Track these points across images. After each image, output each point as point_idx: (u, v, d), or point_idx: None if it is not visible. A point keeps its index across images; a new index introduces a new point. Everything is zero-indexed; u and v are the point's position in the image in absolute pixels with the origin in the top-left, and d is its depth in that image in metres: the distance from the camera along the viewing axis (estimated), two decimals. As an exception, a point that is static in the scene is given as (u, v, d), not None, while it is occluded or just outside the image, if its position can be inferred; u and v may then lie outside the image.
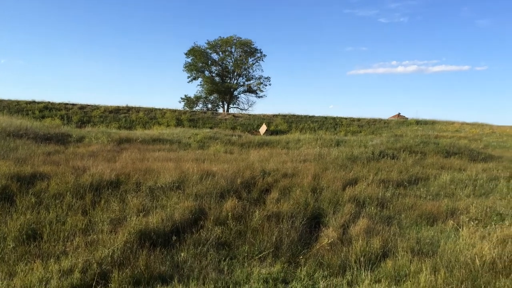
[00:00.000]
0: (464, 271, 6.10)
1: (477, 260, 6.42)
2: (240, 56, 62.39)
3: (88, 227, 7.70)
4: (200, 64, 61.70)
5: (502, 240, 7.32)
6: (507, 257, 6.54)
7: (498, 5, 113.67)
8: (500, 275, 6.08)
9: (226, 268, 6.47)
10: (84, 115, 37.18)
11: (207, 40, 63.69)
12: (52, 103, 39.04)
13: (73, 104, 39.95)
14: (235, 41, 61.22)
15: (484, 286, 5.75)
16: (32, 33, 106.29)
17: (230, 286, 5.87)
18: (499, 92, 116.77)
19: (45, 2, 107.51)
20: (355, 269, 6.50)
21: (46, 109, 36.71)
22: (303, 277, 6.25)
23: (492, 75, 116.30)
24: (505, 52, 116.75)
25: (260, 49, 62.84)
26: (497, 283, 5.83)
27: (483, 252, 6.68)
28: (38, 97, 42.05)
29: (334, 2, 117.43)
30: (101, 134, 21.79)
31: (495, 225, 8.54)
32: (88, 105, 40.67)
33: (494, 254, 6.59)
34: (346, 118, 48.91)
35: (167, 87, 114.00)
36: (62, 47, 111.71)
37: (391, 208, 10.14)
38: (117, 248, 6.46)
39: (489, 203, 10.65)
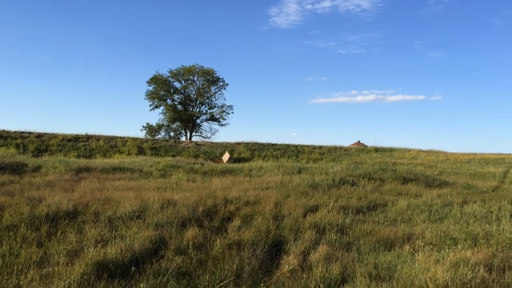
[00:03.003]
0: (419, 294, 6.30)
1: (430, 284, 6.65)
2: (202, 84, 62.86)
3: (44, 259, 7.44)
4: (162, 92, 61.62)
5: (455, 264, 7.60)
6: (460, 280, 6.79)
7: (447, 39, 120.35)
8: (453, 297, 6.32)
9: (186, 298, 6.40)
10: (41, 143, 36.13)
11: (169, 68, 64.00)
12: (8, 132, 37.80)
13: (29, 133, 38.79)
14: (197, 69, 61.72)
15: (437, 309, 5.95)
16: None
17: (191, 316, 5.82)
18: (453, 120, 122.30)
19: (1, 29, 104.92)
20: (315, 295, 6.58)
21: (1, 138, 35.48)
22: (263, 305, 6.27)
23: (446, 104, 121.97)
24: (457, 83, 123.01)
25: (222, 78, 63.68)
26: (449, 305, 6.05)
27: (437, 276, 6.90)
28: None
29: (294, 33, 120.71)
30: (58, 163, 21.23)
31: (448, 249, 8.86)
32: (46, 134, 39.60)
33: (447, 278, 6.83)
34: (308, 146, 49.79)
35: (128, 115, 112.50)
36: (20, 74, 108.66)
37: (350, 234, 10.34)
38: (74, 281, 6.28)
39: (443, 227, 11.05)
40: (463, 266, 7.33)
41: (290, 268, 7.38)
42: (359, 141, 67.47)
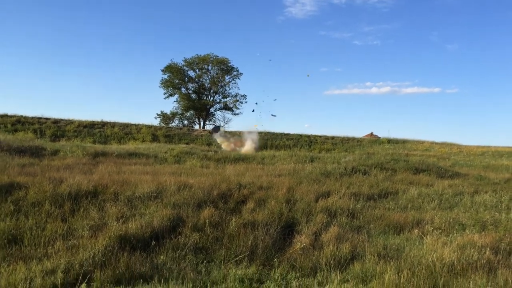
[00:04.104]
0: (425, 272, 6.58)
1: (437, 263, 6.91)
2: (216, 73, 62.98)
3: (68, 233, 7.88)
4: (177, 81, 61.92)
5: (462, 246, 7.85)
6: (465, 260, 7.06)
7: (464, 31, 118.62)
8: (458, 276, 6.59)
9: (203, 270, 6.78)
10: (58, 129, 36.83)
11: (184, 57, 64.14)
12: (25, 117, 38.51)
13: (46, 119, 39.49)
14: (212, 59, 61.83)
15: (443, 285, 6.23)
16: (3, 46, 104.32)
17: (208, 285, 6.18)
18: (467, 114, 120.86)
19: (19, 15, 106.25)
20: (326, 270, 6.90)
21: (18, 123, 36.22)
22: (276, 278, 6.61)
23: (462, 97, 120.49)
24: (474, 76, 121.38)
25: (236, 67, 63.63)
26: (454, 283, 6.32)
27: (444, 256, 7.17)
28: (10, 111, 41.46)
29: (309, 24, 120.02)
30: (76, 147, 21.75)
31: (456, 233, 9.10)
32: (62, 120, 40.28)
33: (453, 258, 7.09)
34: (320, 136, 49.87)
35: (143, 103, 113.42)
36: (35, 61, 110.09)
37: (361, 218, 10.61)
38: (98, 251, 6.69)
39: (453, 215, 11.25)
40: (469, 248, 7.58)
41: (302, 246, 7.71)
42: (372, 132, 67.26)
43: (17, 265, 6.20)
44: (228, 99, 64.28)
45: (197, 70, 63.05)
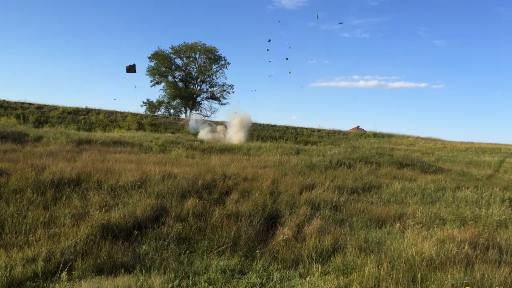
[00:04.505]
0: (405, 265, 6.70)
1: (417, 257, 7.03)
2: (204, 62, 62.58)
3: (50, 221, 7.80)
4: (164, 69, 61.36)
5: (441, 241, 7.99)
6: (444, 254, 7.19)
7: (452, 27, 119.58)
8: (436, 270, 6.71)
9: (186, 260, 6.79)
10: (42, 115, 36.31)
11: (171, 45, 63.60)
12: (8, 102, 37.85)
13: (30, 104, 38.88)
14: (199, 47, 61.37)
15: (421, 278, 6.35)
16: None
17: (190, 276, 6.20)
18: (453, 110, 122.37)
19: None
20: (307, 263, 6.98)
21: (1, 108, 35.61)
22: (258, 269, 6.67)
23: (448, 93, 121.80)
24: (460, 72, 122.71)
25: (224, 57, 63.27)
26: (433, 276, 6.45)
27: (423, 250, 7.29)
28: (-8, 95, 40.68)
29: (298, 15, 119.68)
30: (59, 134, 21.50)
31: (437, 228, 9.25)
32: (46, 105, 39.70)
33: (432, 252, 7.22)
34: (307, 129, 50.10)
35: (129, 91, 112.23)
36: (19, 45, 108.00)
37: (344, 211, 10.71)
38: (80, 240, 6.65)
39: (434, 209, 11.43)
40: (449, 243, 7.72)
41: (284, 238, 7.76)
42: (358, 126, 67.81)
43: (-3, 253, 6.14)
44: (215, 88, 64.04)
45: (184, 58, 62.56)
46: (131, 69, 25.34)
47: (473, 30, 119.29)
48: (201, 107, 65.07)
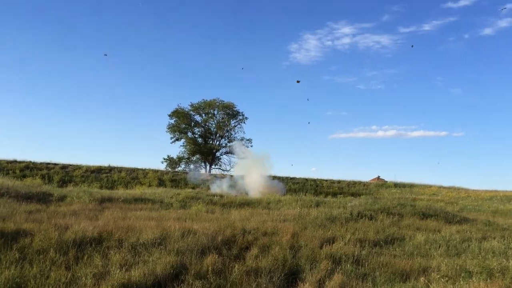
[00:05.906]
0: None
1: (443, 312, 6.83)
2: (222, 118, 63.93)
3: (72, 281, 7.88)
4: (183, 126, 62.82)
5: (468, 294, 7.76)
6: (471, 309, 6.96)
7: (467, 75, 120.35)
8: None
9: (206, 319, 6.73)
10: (66, 174, 37.19)
11: (191, 102, 65.34)
12: (34, 163, 39.04)
13: (54, 164, 39.99)
14: (218, 103, 62.96)
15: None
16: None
17: (209, 335, 6.13)
18: (475, 158, 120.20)
19: (27, 66, 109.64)
20: (329, 320, 6.82)
21: (27, 169, 36.68)
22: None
23: (469, 141, 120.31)
24: (478, 120, 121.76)
25: (242, 112, 64.64)
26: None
27: (449, 305, 7.09)
28: (19, 157, 42.03)
29: (314, 69, 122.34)
30: (82, 193, 21.92)
31: (463, 281, 8.98)
32: (70, 165, 40.75)
33: (459, 307, 7.01)
34: (326, 180, 49.83)
35: (150, 148, 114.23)
36: (42, 107, 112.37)
37: (366, 265, 10.50)
38: (101, 300, 6.69)
39: (460, 262, 11.10)
40: (475, 297, 7.47)
41: (305, 294, 7.64)
42: (378, 176, 67.00)
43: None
44: (233, 143, 64.83)
45: (203, 114, 64.08)
46: None
47: (487, 77, 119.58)
48: (221, 162, 65.70)
